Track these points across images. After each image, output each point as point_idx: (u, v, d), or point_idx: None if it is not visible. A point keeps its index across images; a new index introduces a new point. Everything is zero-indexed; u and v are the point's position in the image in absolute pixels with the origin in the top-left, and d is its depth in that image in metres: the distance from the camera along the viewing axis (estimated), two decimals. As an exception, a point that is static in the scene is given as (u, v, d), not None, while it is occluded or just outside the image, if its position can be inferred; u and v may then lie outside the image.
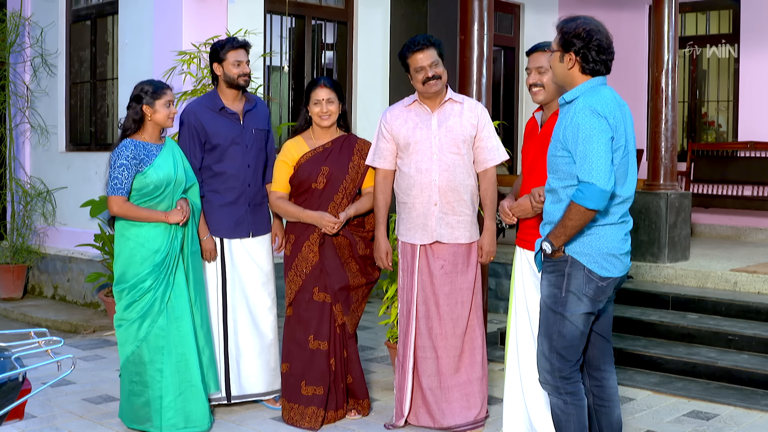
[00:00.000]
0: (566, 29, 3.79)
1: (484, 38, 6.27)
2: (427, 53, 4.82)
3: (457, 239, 4.89)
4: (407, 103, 4.99)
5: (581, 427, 3.87)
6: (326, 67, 9.50)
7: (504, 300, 7.86)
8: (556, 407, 3.89)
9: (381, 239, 5.02)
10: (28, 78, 9.92)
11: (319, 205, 5.00)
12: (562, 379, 3.85)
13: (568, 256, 3.75)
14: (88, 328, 8.04)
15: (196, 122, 5.21)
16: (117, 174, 4.74)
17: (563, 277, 3.77)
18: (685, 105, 11.09)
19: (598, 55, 3.75)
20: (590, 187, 3.57)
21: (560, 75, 3.87)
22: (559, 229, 3.70)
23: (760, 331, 6.25)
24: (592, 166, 3.58)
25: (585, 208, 3.60)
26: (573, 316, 3.78)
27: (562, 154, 3.75)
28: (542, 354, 3.88)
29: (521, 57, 11.28)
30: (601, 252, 3.74)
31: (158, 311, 4.81)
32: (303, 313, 5.04)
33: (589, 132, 3.61)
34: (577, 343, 3.83)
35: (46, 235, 9.80)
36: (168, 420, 4.80)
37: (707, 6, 10.90)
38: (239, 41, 5.27)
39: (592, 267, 3.74)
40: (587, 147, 3.60)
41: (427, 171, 4.84)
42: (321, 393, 5.01)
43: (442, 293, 4.89)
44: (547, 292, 3.84)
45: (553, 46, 3.87)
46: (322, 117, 5.02)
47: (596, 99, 3.67)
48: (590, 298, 3.77)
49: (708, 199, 10.35)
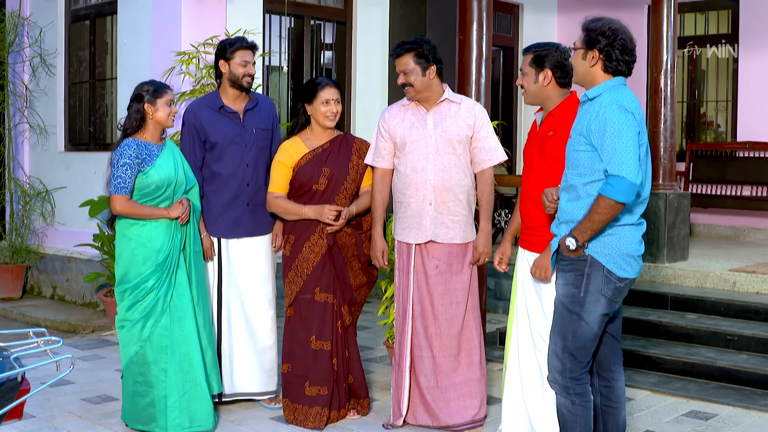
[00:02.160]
0: (592, 27, 3.82)
1: (483, 38, 6.28)
2: (401, 60, 4.83)
3: (452, 239, 4.89)
4: (405, 102, 4.99)
5: (586, 429, 3.86)
6: (325, 67, 9.51)
7: (503, 300, 7.87)
8: (564, 407, 3.88)
9: (377, 238, 5.02)
10: (27, 78, 9.92)
11: None
12: (573, 379, 3.84)
13: (588, 255, 3.74)
14: (86, 328, 8.04)
15: (196, 121, 5.21)
16: (120, 173, 4.73)
17: (582, 276, 3.75)
18: (684, 105, 11.10)
19: (622, 54, 3.78)
20: (620, 180, 3.57)
21: (581, 73, 3.87)
22: (586, 224, 3.67)
23: (758, 331, 6.25)
24: (622, 159, 3.58)
25: (615, 201, 3.59)
26: (590, 317, 3.77)
27: (585, 148, 3.73)
28: (554, 353, 3.86)
29: (520, 57, 11.27)
30: (620, 252, 3.74)
31: (161, 311, 4.81)
32: (305, 314, 5.03)
33: (617, 126, 3.61)
34: (590, 344, 3.83)
35: (45, 235, 9.80)
36: (173, 420, 4.80)
37: (706, 6, 10.90)
38: (249, 42, 5.27)
39: (611, 267, 3.73)
40: (616, 140, 3.60)
41: (422, 170, 4.84)
42: (325, 393, 5.00)
43: (437, 293, 4.89)
44: (564, 291, 3.82)
45: (577, 44, 3.88)
46: (330, 117, 5.01)
47: (622, 95, 3.70)
48: (608, 299, 3.77)
49: (707, 199, 10.35)
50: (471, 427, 4.95)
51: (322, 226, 4.97)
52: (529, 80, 4.34)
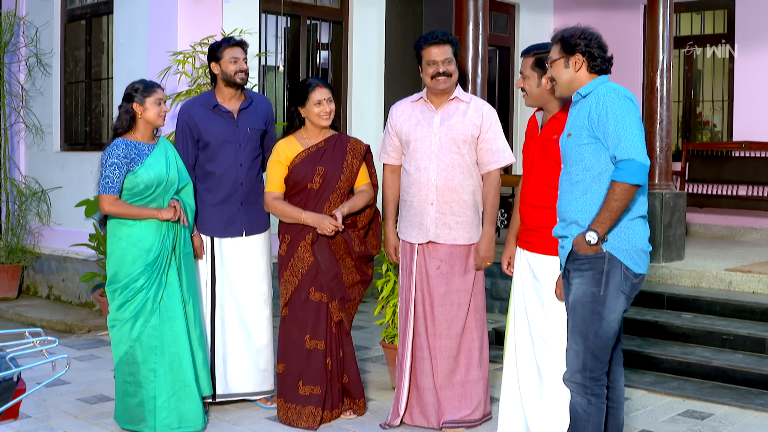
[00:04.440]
0: (566, 34, 3.84)
1: (479, 38, 6.28)
2: (442, 48, 4.82)
3: (455, 240, 4.87)
4: (414, 98, 4.99)
5: (597, 430, 3.83)
6: (321, 66, 9.50)
7: (499, 300, 7.87)
8: (578, 406, 3.83)
9: (389, 234, 5.04)
10: (22, 78, 9.90)
11: (315, 205, 4.98)
12: (592, 379, 3.80)
13: (606, 252, 3.72)
14: (82, 327, 8.03)
15: (189, 120, 5.22)
16: (108, 173, 4.74)
17: (602, 275, 3.73)
18: (680, 105, 11.11)
19: (601, 52, 3.81)
20: (631, 163, 3.59)
21: (566, 82, 3.87)
22: (604, 213, 3.66)
23: (754, 331, 6.26)
24: (630, 142, 3.60)
25: (629, 184, 3.60)
26: (611, 315, 3.75)
27: (588, 141, 3.73)
28: (576, 354, 3.81)
29: (516, 57, 11.28)
30: (636, 247, 3.75)
31: (151, 311, 4.81)
32: (299, 313, 5.03)
33: (620, 112, 3.64)
34: (610, 343, 3.81)
35: (41, 234, 9.79)
36: (162, 420, 4.80)
37: (702, 6, 10.91)
38: (235, 39, 5.29)
39: (628, 263, 3.73)
40: (621, 126, 3.62)
41: (425, 170, 4.83)
42: (318, 392, 5.00)
43: (437, 294, 4.88)
44: (584, 291, 3.78)
45: (554, 56, 3.88)
46: (324, 117, 5.01)
47: (617, 86, 3.74)
48: (626, 295, 3.77)
49: (703, 199, 10.36)
50: (458, 425, 4.93)
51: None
52: (532, 83, 4.31)
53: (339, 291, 5.04)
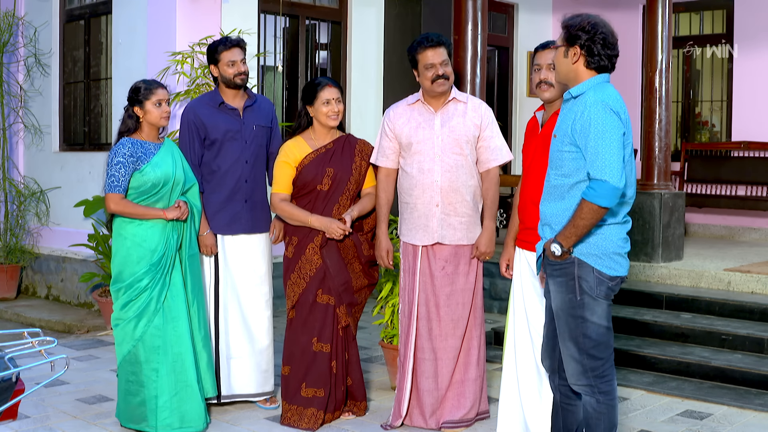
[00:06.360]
0: (571, 23, 3.78)
1: (477, 38, 6.29)
2: (438, 51, 4.81)
3: (459, 240, 4.88)
4: (411, 101, 4.97)
5: (611, 427, 3.79)
6: (320, 66, 9.50)
7: (498, 300, 7.87)
8: (588, 405, 3.80)
9: (382, 237, 5.01)
10: (21, 78, 9.90)
11: (324, 207, 4.95)
12: (597, 377, 3.75)
13: (575, 258, 3.67)
14: (81, 328, 8.03)
15: (195, 118, 5.20)
16: (114, 171, 4.74)
17: (574, 281, 3.69)
18: (679, 105, 11.11)
19: (604, 49, 3.72)
20: (603, 185, 3.50)
21: (564, 71, 3.82)
22: (570, 229, 3.61)
23: (753, 331, 6.26)
24: (605, 162, 3.51)
25: (597, 206, 3.52)
26: (594, 317, 3.70)
27: (569, 149, 3.67)
28: (571, 358, 3.77)
29: (515, 57, 11.29)
30: (607, 252, 3.69)
31: (154, 311, 4.81)
32: (306, 316, 5.00)
33: (602, 128, 3.54)
34: (605, 339, 3.74)
35: (40, 235, 9.78)
36: (163, 420, 4.80)
37: (701, 6, 10.92)
38: (232, 41, 5.25)
39: (600, 267, 3.67)
40: (600, 143, 3.53)
41: (429, 171, 4.83)
42: (321, 395, 4.99)
43: (443, 294, 4.88)
44: (561, 299, 3.74)
45: (558, 42, 3.85)
46: (332, 117, 4.98)
47: (607, 94, 3.63)
48: (603, 298, 3.72)
49: (701, 199, 10.36)
50: (457, 425, 4.93)
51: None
52: (560, 56, 4.13)
53: (347, 296, 5.01)
